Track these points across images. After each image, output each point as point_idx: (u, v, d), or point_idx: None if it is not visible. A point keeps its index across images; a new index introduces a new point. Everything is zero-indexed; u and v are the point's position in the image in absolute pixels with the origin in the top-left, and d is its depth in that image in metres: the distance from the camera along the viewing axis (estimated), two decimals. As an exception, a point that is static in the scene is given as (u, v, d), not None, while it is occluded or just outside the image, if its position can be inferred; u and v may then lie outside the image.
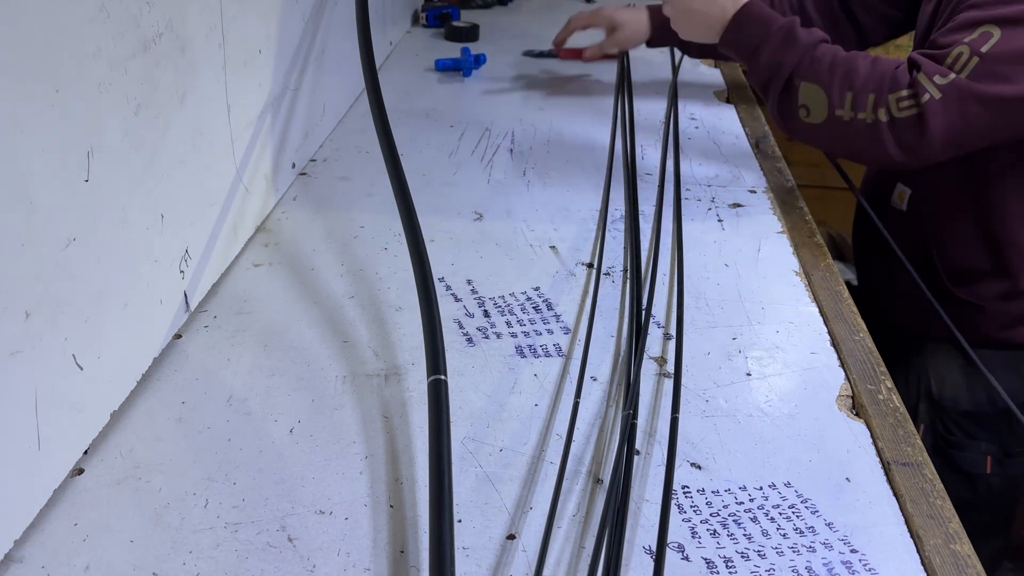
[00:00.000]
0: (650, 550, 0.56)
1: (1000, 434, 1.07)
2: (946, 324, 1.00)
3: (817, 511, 0.60)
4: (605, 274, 0.88)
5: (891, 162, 0.94)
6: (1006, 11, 0.91)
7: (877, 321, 0.89)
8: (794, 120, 0.97)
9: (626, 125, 1.24)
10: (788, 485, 0.62)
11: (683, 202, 1.02)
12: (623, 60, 1.51)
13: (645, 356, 0.74)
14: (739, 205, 1.03)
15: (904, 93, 0.91)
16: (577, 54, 1.44)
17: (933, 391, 1.07)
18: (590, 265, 0.89)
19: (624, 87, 1.39)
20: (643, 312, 0.80)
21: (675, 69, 1.49)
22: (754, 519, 0.59)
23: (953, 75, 0.92)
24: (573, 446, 0.64)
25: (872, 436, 0.67)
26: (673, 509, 0.59)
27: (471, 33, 1.65)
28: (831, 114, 0.94)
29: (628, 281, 0.86)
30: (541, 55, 1.38)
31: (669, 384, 0.72)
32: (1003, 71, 0.91)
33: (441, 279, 0.85)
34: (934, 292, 1.00)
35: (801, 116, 0.96)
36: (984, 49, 0.92)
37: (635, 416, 0.66)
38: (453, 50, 1.54)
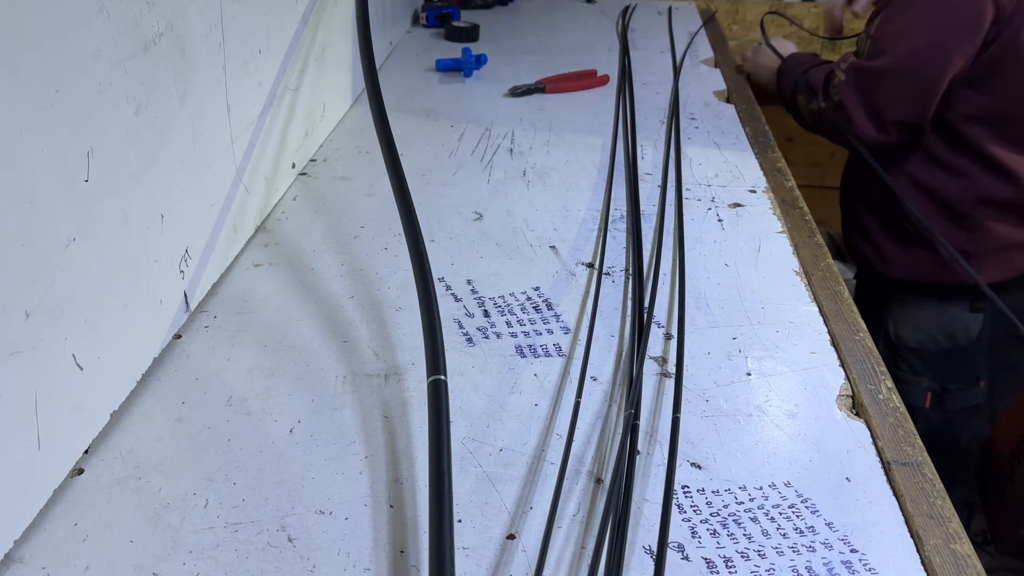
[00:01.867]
0: (650, 550, 0.56)
1: (941, 371, 1.27)
2: (902, 267, 1.31)
3: (817, 511, 0.60)
4: (605, 274, 0.87)
5: (846, 139, 1.26)
6: None
7: (862, 271, 1.22)
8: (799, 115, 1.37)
9: (627, 125, 1.24)
10: (788, 485, 0.62)
11: (683, 202, 1.02)
12: (624, 60, 1.51)
13: (646, 356, 0.74)
14: (739, 205, 1.03)
15: (831, 82, 1.26)
16: (565, 87, 1.42)
17: (891, 333, 1.29)
18: (590, 265, 0.89)
19: (625, 87, 1.39)
20: (644, 312, 0.80)
21: (676, 69, 1.49)
22: (754, 519, 0.59)
23: (852, 58, 1.25)
24: (573, 446, 0.64)
25: (872, 436, 0.67)
26: (673, 509, 0.59)
27: (471, 33, 1.65)
28: (808, 109, 1.33)
29: (629, 281, 0.86)
30: (528, 91, 1.37)
31: (669, 384, 0.72)
32: (883, 46, 1.20)
33: (441, 279, 0.85)
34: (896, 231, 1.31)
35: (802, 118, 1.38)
36: (872, 31, 1.24)
37: (637, 416, 0.66)
38: (453, 50, 1.54)
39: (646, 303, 0.81)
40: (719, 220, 0.99)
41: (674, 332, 0.78)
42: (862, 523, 0.59)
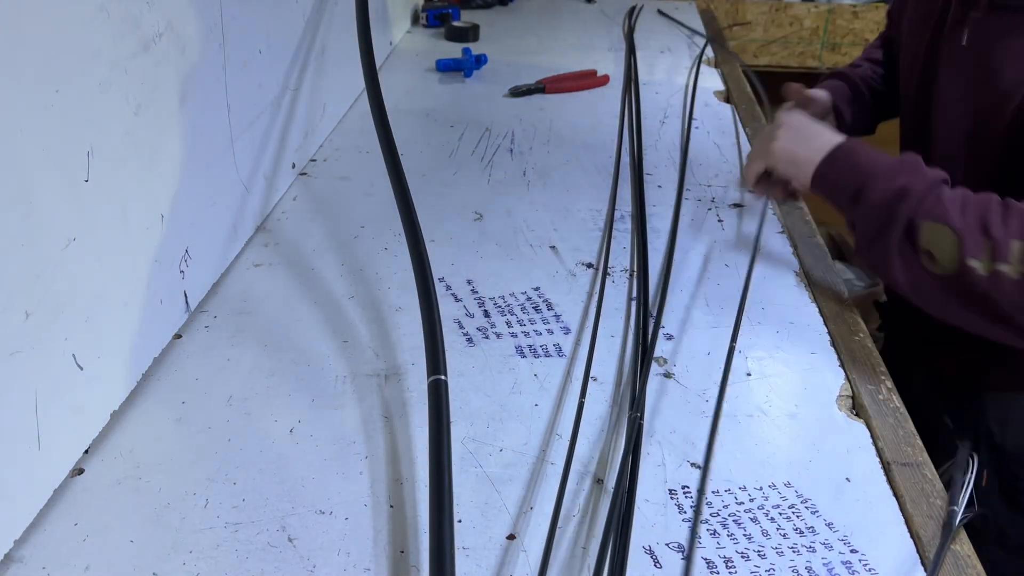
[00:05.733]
0: (650, 550, 0.56)
1: None
2: (1004, 372, 0.92)
3: (817, 511, 0.60)
4: (606, 274, 0.87)
5: (1008, 324, 0.73)
6: None
7: (916, 371, 0.77)
8: (918, 271, 0.74)
9: (632, 124, 1.24)
10: (788, 485, 0.62)
11: (683, 202, 1.02)
12: (630, 59, 1.51)
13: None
14: (739, 205, 1.03)
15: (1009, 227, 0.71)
16: (565, 87, 1.41)
17: (995, 437, 0.96)
18: (589, 265, 0.89)
19: (631, 87, 1.39)
20: (647, 312, 0.80)
21: (695, 63, 1.49)
22: (754, 519, 0.59)
23: None
24: (574, 446, 0.64)
25: (872, 436, 0.67)
26: (673, 509, 0.59)
27: (471, 33, 1.65)
28: (961, 264, 0.71)
29: (634, 281, 0.86)
30: (528, 91, 1.37)
31: (671, 384, 0.72)
32: None
33: (441, 279, 0.85)
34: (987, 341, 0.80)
35: (925, 263, 0.73)
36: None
37: (642, 417, 0.65)
38: (453, 50, 1.54)
39: (651, 303, 0.81)
40: (719, 220, 0.99)
41: (673, 332, 0.78)
42: (862, 523, 0.59)
